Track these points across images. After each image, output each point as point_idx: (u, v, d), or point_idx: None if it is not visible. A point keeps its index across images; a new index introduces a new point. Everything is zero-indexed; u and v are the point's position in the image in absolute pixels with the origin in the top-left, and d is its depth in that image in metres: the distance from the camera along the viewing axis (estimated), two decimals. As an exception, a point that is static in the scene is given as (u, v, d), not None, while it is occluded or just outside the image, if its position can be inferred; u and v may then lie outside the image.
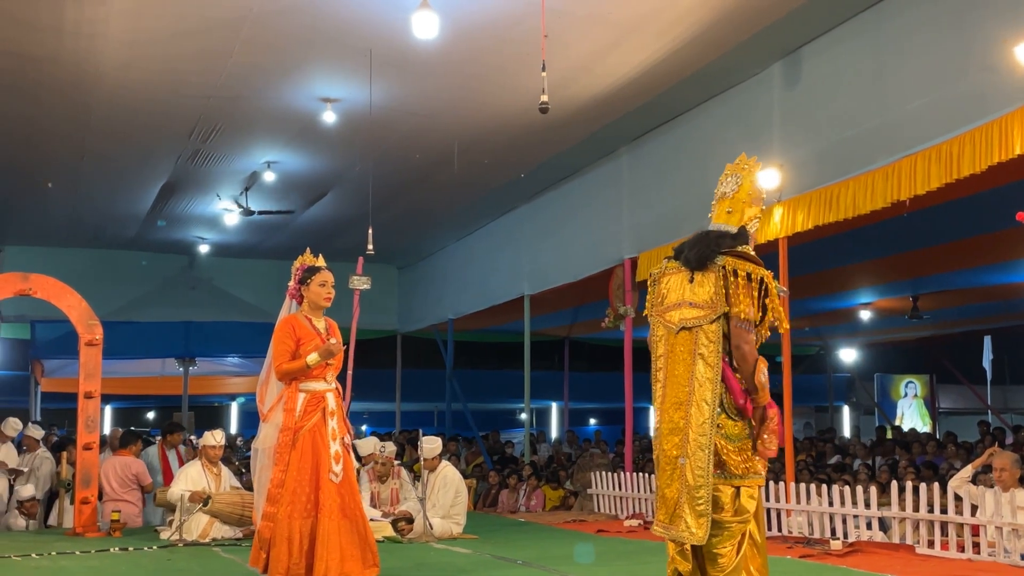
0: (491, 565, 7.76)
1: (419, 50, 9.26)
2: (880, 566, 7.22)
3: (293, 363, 6.00)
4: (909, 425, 22.02)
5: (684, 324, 4.59)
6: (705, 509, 4.40)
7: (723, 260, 4.58)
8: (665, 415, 4.60)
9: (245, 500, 9.32)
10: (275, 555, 5.75)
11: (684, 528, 4.43)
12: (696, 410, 4.47)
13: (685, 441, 4.48)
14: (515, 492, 13.26)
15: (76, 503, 9.73)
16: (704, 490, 4.40)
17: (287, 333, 6.09)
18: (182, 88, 10.59)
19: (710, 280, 4.58)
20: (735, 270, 4.54)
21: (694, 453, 4.44)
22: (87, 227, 16.91)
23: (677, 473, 4.49)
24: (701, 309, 4.57)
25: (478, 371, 21.51)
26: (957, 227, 11.03)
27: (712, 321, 4.52)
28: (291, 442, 5.90)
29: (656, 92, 10.70)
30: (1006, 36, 7.12)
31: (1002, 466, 7.73)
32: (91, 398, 9.88)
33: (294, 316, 6.21)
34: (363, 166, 12.88)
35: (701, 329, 4.54)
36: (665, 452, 4.57)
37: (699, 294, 4.60)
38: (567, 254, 13.84)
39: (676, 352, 4.61)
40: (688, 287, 4.64)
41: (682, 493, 4.46)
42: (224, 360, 18.88)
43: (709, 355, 4.51)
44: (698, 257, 4.63)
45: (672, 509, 4.50)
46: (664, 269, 4.84)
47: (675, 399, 4.56)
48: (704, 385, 4.48)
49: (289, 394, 6.01)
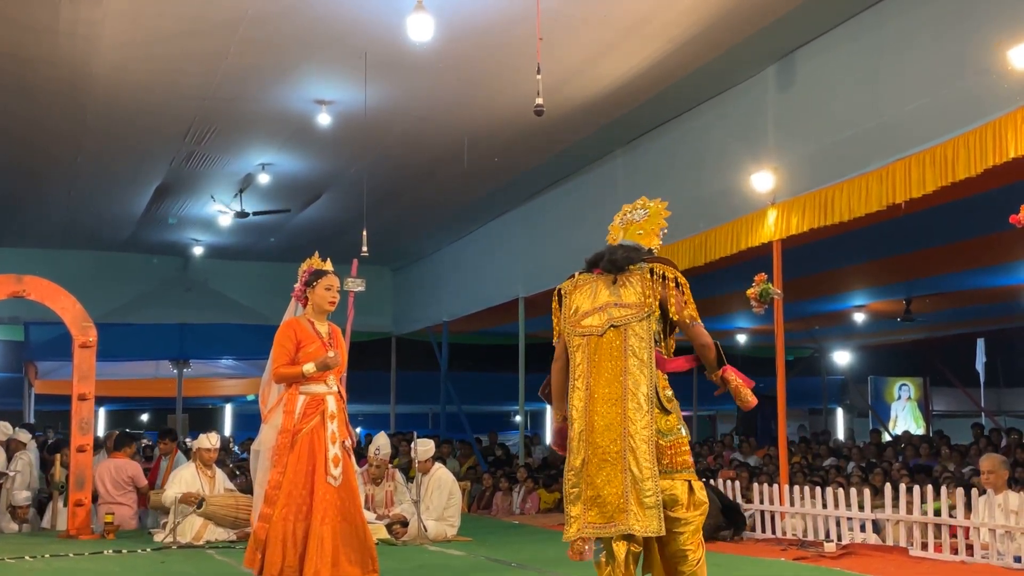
0: (485, 567, 7.76)
1: (414, 53, 9.26)
2: (873, 568, 7.24)
3: (290, 369, 6.01)
4: (903, 428, 22.06)
5: (612, 323, 4.65)
6: (654, 501, 4.40)
7: (649, 265, 4.71)
8: (597, 413, 4.57)
9: (239, 502, 9.31)
10: (269, 556, 5.75)
11: (634, 520, 4.39)
12: (633, 403, 4.50)
13: (625, 435, 4.48)
14: (509, 495, 13.26)
15: (70, 505, 9.71)
16: (651, 482, 4.41)
17: (288, 336, 6.08)
18: (177, 90, 10.58)
19: (635, 281, 4.69)
20: (663, 274, 4.66)
21: (638, 446, 4.45)
22: (81, 229, 16.88)
23: (619, 468, 4.46)
24: (630, 308, 4.65)
25: (473, 373, 21.43)
26: (951, 230, 11.04)
27: (642, 319, 4.60)
28: (289, 444, 5.89)
29: (651, 95, 10.71)
30: (1000, 39, 7.14)
31: (990, 468, 7.76)
32: (85, 400, 9.86)
33: (297, 319, 6.19)
34: (358, 168, 12.88)
35: (630, 327, 4.60)
36: (601, 449, 4.52)
37: (625, 296, 4.69)
38: (562, 256, 13.79)
39: (603, 351, 4.63)
40: (610, 291, 4.72)
41: (627, 487, 4.43)
42: (218, 362, 18.83)
43: (640, 350, 4.56)
44: (625, 258, 4.75)
45: (615, 506, 4.45)
46: (576, 283, 4.90)
47: (607, 396, 4.56)
48: (639, 380, 4.52)
49: (289, 396, 6.01)
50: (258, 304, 17.93)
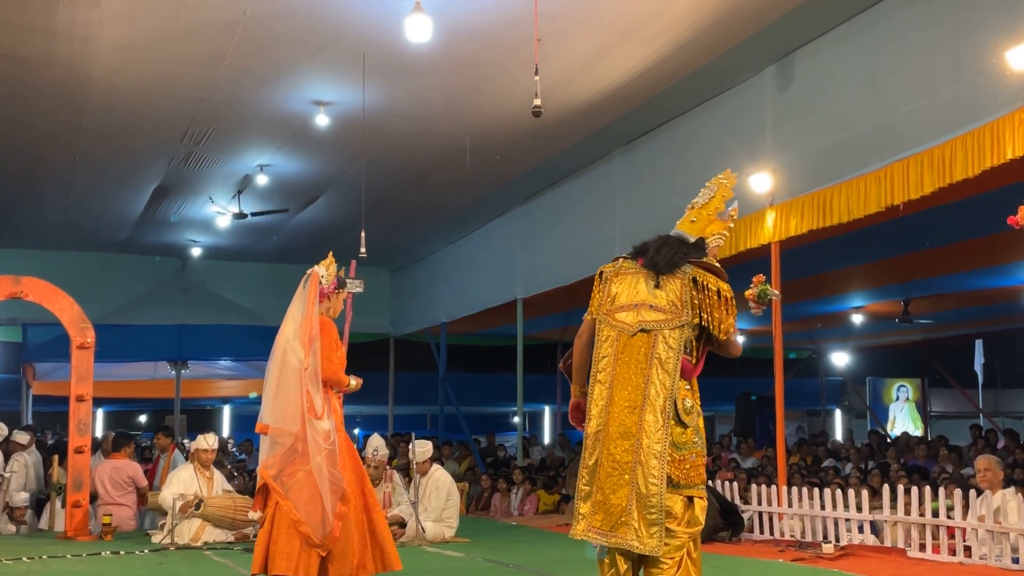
0: (483, 569, 7.76)
1: (412, 54, 9.26)
2: (871, 570, 7.24)
3: (342, 375, 6.07)
4: (901, 429, 22.07)
5: (643, 326, 4.49)
6: (658, 518, 4.29)
7: (692, 271, 4.53)
8: (614, 419, 4.44)
9: (237, 504, 9.31)
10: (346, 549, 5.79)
11: (633, 537, 4.30)
12: (651, 416, 4.37)
13: (638, 447, 4.36)
14: (507, 496, 13.26)
15: (68, 506, 9.70)
16: (657, 499, 4.29)
17: (336, 336, 6.12)
18: (175, 91, 10.58)
19: (675, 286, 4.51)
20: (705, 284, 4.48)
21: (647, 460, 4.33)
22: (79, 230, 16.88)
23: (626, 479, 4.36)
24: (663, 313, 4.49)
25: (471, 374, 21.44)
26: (949, 231, 11.05)
27: (674, 327, 4.46)
28: (342, 442, 5.94)
29: (649, 96, 10.71)
30: (998, 40, 7.15)
31: (986, 467, 7.79)
32: (83, 401, 9.86)
33: (330, 320, 6.18)
34: (356, 169, 12.87)
35: (661, 333, 4.46)
36: (613, 456, 4.41)
37: (662, 298, 4.52)
38: (560, 257, 13.84)
39: (628, 354, 4.49)
40: (648, 289, 4.55)
41: (632, 501, 4.33)
42: (217, 363, 18.82)
43: (667, 360, 4.42)
44: (668, 261, 4.56)
45: (618, 516, 4.35)
46: (618, 268, 4.71)
47: (627, 402, 4.43)
48: (660, 391, 4.39)
49: (332, 396, 6.02)
50: (256, 305, 17.92)
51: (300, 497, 5.68)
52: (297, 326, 5.96)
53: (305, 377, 5.83)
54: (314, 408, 5.81)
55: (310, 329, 5.91)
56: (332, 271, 6.22)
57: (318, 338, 5.91)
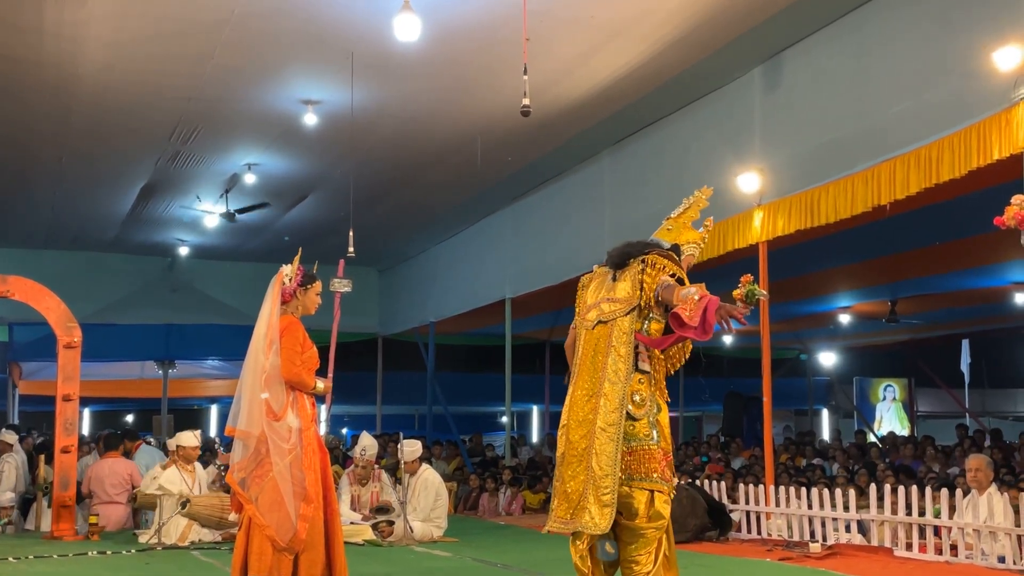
0: (471, 568, 7.77)
1: (401, 53, 9.25)
2: (859, 569, 7.27)
3: (308, 376, 5.90)
4: (888, 428, 22.13)
5: (600, 318, 4.66)
6: (610, 500, 4.38)
7: (644, 256, 4.68)
8: (575, 408, 4.60)
9: (224, 503, 9.27)
10: (312, 557, 5.69)
11: (588, 519, 4.39)
12: (605, 401, 4.49)
13: (592, 432, 4.48)
14: (495, 496, 13.27)
15: (54, 506, 9.67)
16: (610, 479, 4.39)
17: (302, 336, 5.95)
18: (163, 90, 10.55)
19: (629, 275, 4.67)
20: (652, 262, 4.61)
21: (602, 445, 4.44)
22: (66, 229, 16.82)
23: (583, 465, 4.46)
24: (620, 303, 4.65)
25: (459, 374, 21.45)
26: (936, 231, 11.09)
27: (626, 314, 4.59)
28: (309, 443, 5.81)
29: (637, 96, 10.73)
30: (985, 41, 7.18)
31: (976, 466, 7.81)
32: (69, 401, 9.84)
33: (297, 320, 6.07)
34: (344, 169, 12.86)
35: (615, 322, 4.61)
36: (573, 444, 4.54)
37: (619, 290, 4.69)
38: (548, 257, 13.84)
39: (591, 346, 4.66)
40: (609, 285, 4.74)
41: (587, 484, 4.43)
42: (204, 363, 18.79)
43: (621, 346, 4.55)
44: (620, 253, 4.76)
45: (576, 502, 4.45)
46: (592, 276, 4.93)
47: (585, 391, 4.59)
48: (615, 378, 4.51)
49: (299, 396, 5.88)
50: (244, 305, 17.80)
51: (264, 502, 5.63)
52: (265, 326, 5.93)
53: (262, 379, 5.78)
54: (272, 410, 5.74)
55: (270, 330, 5.88)
56: (292, 269, 6.09)
57: (278, 339, 5.86)
